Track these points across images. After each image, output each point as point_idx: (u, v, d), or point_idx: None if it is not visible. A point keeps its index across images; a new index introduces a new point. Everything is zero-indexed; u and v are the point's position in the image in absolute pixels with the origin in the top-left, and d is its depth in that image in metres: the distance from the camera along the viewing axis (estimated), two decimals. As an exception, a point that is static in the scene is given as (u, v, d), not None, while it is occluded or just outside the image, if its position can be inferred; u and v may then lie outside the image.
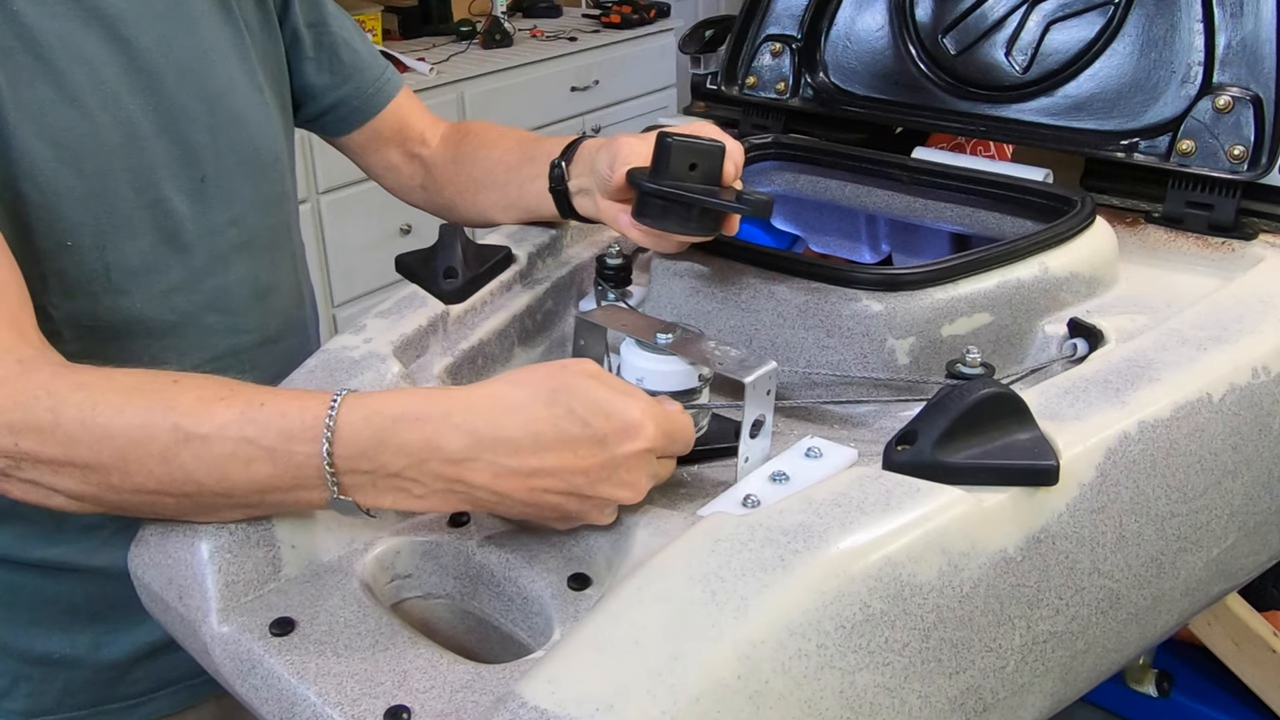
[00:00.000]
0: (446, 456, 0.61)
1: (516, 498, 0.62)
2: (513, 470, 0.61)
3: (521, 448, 0.61)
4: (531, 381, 0.63)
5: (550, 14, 3.63)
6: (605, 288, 0.93)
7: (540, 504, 0.63)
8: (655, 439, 0.63)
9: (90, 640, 0.91)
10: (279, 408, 0.62)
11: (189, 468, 0.62)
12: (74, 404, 0.62)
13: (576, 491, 0.62)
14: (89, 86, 0.79)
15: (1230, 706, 1.69)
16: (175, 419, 0.62)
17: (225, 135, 0.89)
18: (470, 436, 0.61)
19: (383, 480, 0.62)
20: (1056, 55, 1.05)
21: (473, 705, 0.57)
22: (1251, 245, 0.94)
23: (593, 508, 0.64)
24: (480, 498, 0.63)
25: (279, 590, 0.66)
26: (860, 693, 0.54)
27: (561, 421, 0.61)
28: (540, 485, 0.62)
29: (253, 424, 0.62)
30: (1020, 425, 0.63)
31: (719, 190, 0.78)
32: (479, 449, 0.61)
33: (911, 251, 1.11)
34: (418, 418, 0.61)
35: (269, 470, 0.62)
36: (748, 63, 1.22)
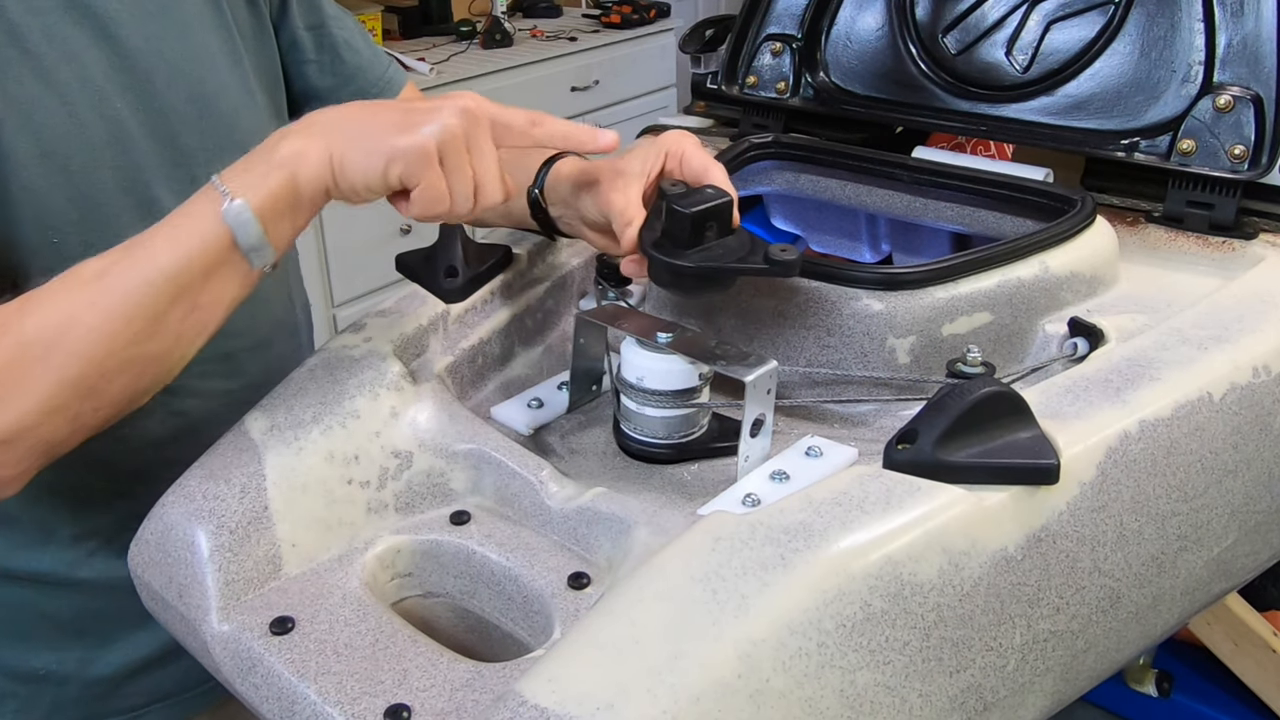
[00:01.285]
0: (292, 126, 0.70)
1: (354, 121, 0.69)
2: (341, 106, 0.71)
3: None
4: None
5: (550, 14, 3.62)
6: (605, 287, 0.93)
7: (368, 113, 0.70)
8: (477, 101, 0.70)
9: (78, 656, 0.91)
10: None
11: (113, 284, 0.66)
12: (12, 311, 0.67)
13: (404, 110, 0.69)
14: (76, 84, 0.79)
15: (1230, 706, 1.69)
16: (90, 269, 0.67)
17: (215, 138, 0.89)
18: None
19: (260, 163, 0.68)
20: (1057, 55, 1.05)
21: (473, 704, 0.57)
22: (1252, 245, 0.94)
23: (415, 117, 0.68)
24: (325, 124, 0.69)
25: (279, 589, 0.66)
26: (861, 691, 0.54)
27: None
28: (368, 108, 0.71)
29: (159, 223, 0.68)
30: (1021, 424, 0.63)
31: (744, 252, 0.75)
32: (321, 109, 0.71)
33: (912, 251, 1.11)
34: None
35: (177, 225, 0.67)
36: (748, 62, 1.22)
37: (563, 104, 3.20)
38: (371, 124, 0.68)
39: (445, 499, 0.73)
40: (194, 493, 0.68)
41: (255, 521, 0.67)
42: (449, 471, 0.73)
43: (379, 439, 0.72)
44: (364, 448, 0.71)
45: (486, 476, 0.73)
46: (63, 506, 0.87)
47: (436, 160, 0.68)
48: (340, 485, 0.70)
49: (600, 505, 0.68)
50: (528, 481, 0.71)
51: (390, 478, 0.72)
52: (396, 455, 0.72)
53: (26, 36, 0.76)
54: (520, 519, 0.71)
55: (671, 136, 0.84)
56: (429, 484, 0.73)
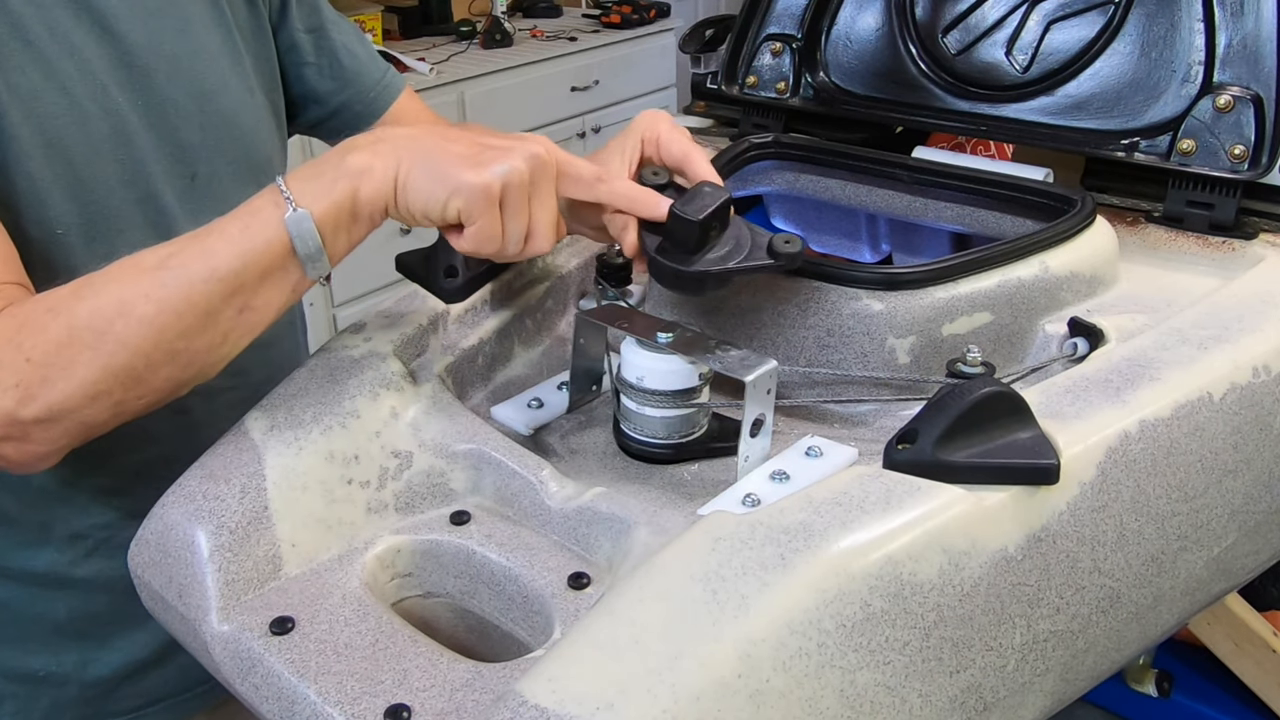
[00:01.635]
0: (361, 138, 0.70)
1: (425, 146, 0.69)
2: (415, 129, 0.71)
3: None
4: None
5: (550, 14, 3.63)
6: (605, 287, 0.93)
7: (438, 140, 0.69)
8: (548, 147, 0.70)
9: (76, 658, 0.91)
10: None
11: (169, 278, 0.66)
12: (66, 294, 0.67)
13: (475, 144, 0.69)
14: (78, 77, 0.79)
15: (1230, 706, 1.69)
16: (148, 260, 0.68)
17: (216, 135, 0.89)
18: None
19: (328, 172, 0.68)
20: (1057, 55, 1.05)
21: (473, 704, 0.57)
22: (1252, 245, 0.94)
23: (485, 153, 0.68)
24: (397, 142, 0.69)
25: (279, 589, 0.66)
26: (861, 691, 0.54)
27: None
28: (440, 136, 0.70)
29: (220, 219, 0.69)
30: (1021, 424, 0.63)
31: (748, 246, 0.76)
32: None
33: (912, 251, 1.11)
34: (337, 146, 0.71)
35: (237, 225, 0.67)
36: (748, 62, 1.22)
37: (563, 104, 3.20)
38: (442, 153, 0.68)
39: (445, 499, 0.73)
40: (194, 493, 0.68)
41: (255, 521, 0.67)
42: (449, 471, 0.73)
43: (379, 439, 0.72)
44: (364, 448, 0.71)
45: (486, 476, 0.73)
46: (60, 505, 0.87)
47: (498, 202, 0.68)
48: (340, 485, 0.70)
49: (600, 505, 0.68)
50: (528, 481, 0.71)
51: (390, 478, 0.72)
52: (396, 455, 0.72)
53: (29, 29, 0.77)
54: (520, 519, 0.71)
55: (644, 120, 0.84)
56: (429, 484, 0.73)
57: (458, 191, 0.67)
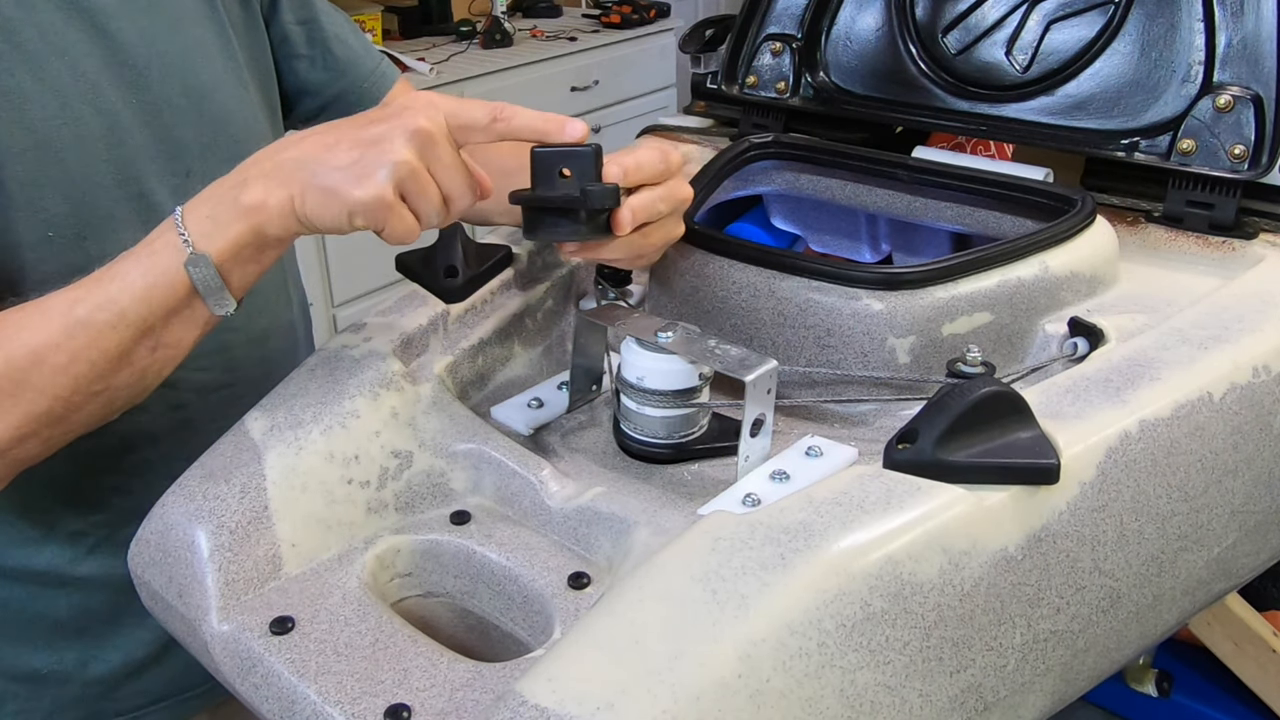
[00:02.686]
0: (253, 160, 0.70)
1: (310, 163, 0.67)
2: (300, 138, 0.69)
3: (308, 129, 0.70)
4: None
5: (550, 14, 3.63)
6: (605, 286, 0.93)
7: (322, 151, 0.67)
8: (430, 115, 0.68)
9: (77, 656, 0.91)
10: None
11: (76, 328, 0.67)
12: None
13: (355, 138, 0.67)
14: (69, 77, 0.79)
15: (1230, 706, 1.69)
16: (55, 307, 0.68)
17: (210, 132, 0.89)
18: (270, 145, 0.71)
19: (224, 210, 0.68)
20: (1057, 54, 1.05)
21: (473, 704, 0.57)
22: (1252, 244, 0.94)
23: (370, 147, 0.66)
24: (284, 169, 0.68)
25: (279, 589, 0.66)
26: (861, 691, 0.54)
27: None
28: (322, 139, 0.68)
29: (118, 260, 0.69)
30: (1021, 424, 0.63)
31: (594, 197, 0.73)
32: (277, 141, 0.71)
33: (912, 251, 1.11)
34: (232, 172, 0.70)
35: (139, 270, 0.68)
36: (748, 62, 1.22)
37: (563, 104, 3.20)
38: (327, 170, 0.67)
39: (445, 499, 0.73)
40: (194, 492, 0.68)
41: (255, 521, 0.67)
42: (449, 471, 0.73)
43: (379, 439, 0.72)
44: (364, 447, 0.71)
45: (486, 476, 0.73)
46: (60, 503, 0.87)
47: (397, 201, 0.67)
48: (340, 485, 0.70)
49: (600, 505, 0.68)
50: (528, 481, 0.71)
51: (390, 477, 0.72)
52: (396, 455, 0.72)
53: (19, 31, 0.77)
54: (520, 519, 0.71)
55: (652, 139, 0.85)
56: (429, 484, 0.73)
57: (354, 211, 0.66)
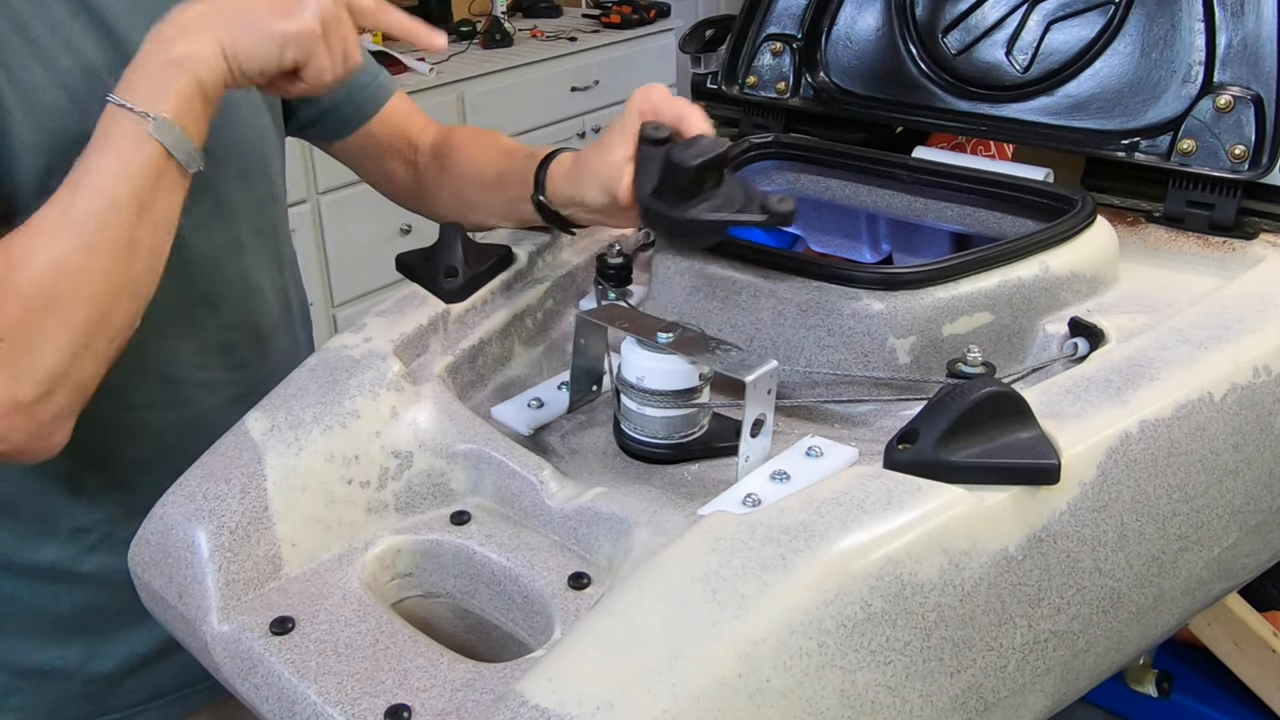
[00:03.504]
0: (169, 20, 0.74)
1: (232, 11, 0.72)
2: (211, 6, 0.73)
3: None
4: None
5: (550, 14, 3.62)
6: (606, 287, 0.93)
7: (252, 7, 0.73)
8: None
9: (81, 652, 0.91)
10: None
11: (81, 226, 0.70)
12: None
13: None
14: (78, 73, 0.79)
15: (1230, 706, 1.69)
16: (49, 219, 0.71)
17: (215, 132, 0.89)
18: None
19: (156, 72, 0.72)
20: (1057, 55, 1.05)
21: (473, 704, 0.57)
22: (1252, 245, 0.94)
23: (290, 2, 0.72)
24: (203, 20, 0.73)
25: (279, 589, 0.66)
26: (861, 691, 0.54)
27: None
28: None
29: (79, 162, 0.72)
30: (1021, 424, 0.63)
31: (741, 201, 0.75)
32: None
33: (912, 251, 1.11)
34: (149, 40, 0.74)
35: (108, 158, 0.71)
36: (748, 62, 1.22)
37: (563, 104, 3.20)
38: (253, 13, 0.72)
39: (445, 499, 0.73)
40: (194, 493, 0.68)
41: (255, 521, 0.66)
42: (449, 471, 0.73)
43: (379, 439, 0.72)
44: (364, 448, 0.71)
45: (487, 476, 0.73)
46: (64, 499, 0.87)
47: (318, 36, 0.73)
48: (340, 485, 0.70)
49: (600, 505, 0.68)
50: (528, 481, 0.71)
51: (390, 478, 0.72)
52: (396, 455, 0.72)
53: (31, 26, 0.78)
54: (520, 519, 0.71)
55: (640, 93, 0.86)
56: (429, 484, 0.73)
57: (288, 42, 0.72)
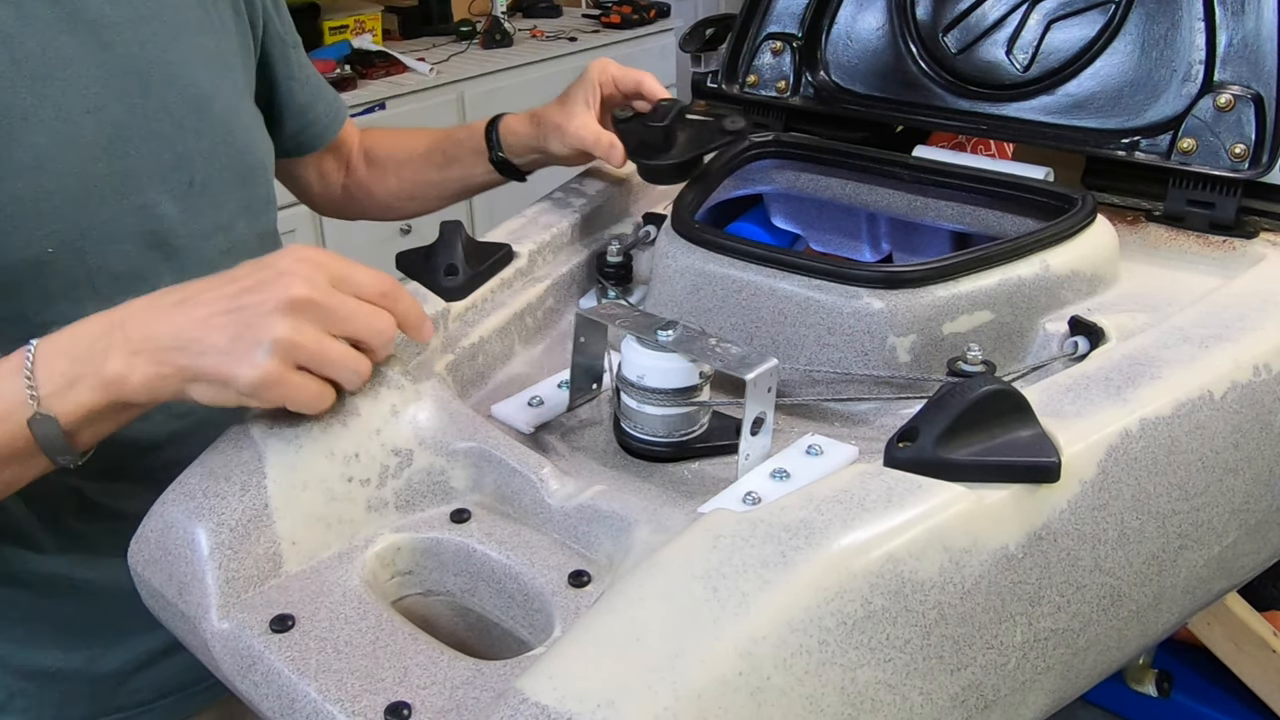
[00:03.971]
0: (121, 322, 0.65)
1: (178, 336, 0.63)
2: (172, 304, 0.65)
3: (180, 289, 0.66)
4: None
5: (550, 14, 3.63)
6: (606, 285, 0.93)
7: (194, 330, 0.64)
8: (308, 276, 0.64)
9: (86, 654, 0.91)
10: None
11: None
12: None
13: (229, 311, 0.63)
14: (71, 92, 0.78)
15: (1230, 706, 1.69)
16: None
17: (212, 140, 0.89)
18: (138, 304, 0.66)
19: (83, 375, 0.64)
20: (1057, 54, 1.05)
21: (473, 701, 0.57)
22: (1252, 244, 0.94)
23: (245, 329, 0.62)
24: (153, 344, 0.64)
25: (279, 586, 0.66)
26: (862, 689, 0.54)
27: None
28: (193, 314, 0.64)
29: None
30: (1021, 422, 0.63)
31: (708, 136, 0.99)
32: (147, 300, 0.66)
33: (912, 250, 1.10)
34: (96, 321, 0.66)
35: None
36: (748, 61, 1.22)
37: (563, 104, 3.19)
38: (200, 348, 0.63)
39: (445, 497, 0.73)
40: (194, 490, 0.68)
41: (255, 519, 0.66)
42: (449, 469, 0.73)
43: (379, 437, 0.72)
44: (364, 445, 0.71)
45: (487, 474, 0.73)
46: (67, 510, 0.87)
47: (288, 375, 0.63)
48: (340, 483, 0.70)
49: (600, 503, 0.68)
50: (528, 479, 0.71)
51: (390, 475, 0.72)
52: (396, 453, 0.72)
53: (20, 47, 0.76)
54: (520, 517, 0.71)
55: (596, 67, 1.06)
56: (429, 482, 0.73)
57: (241, 392, 0.63)
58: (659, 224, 1.01)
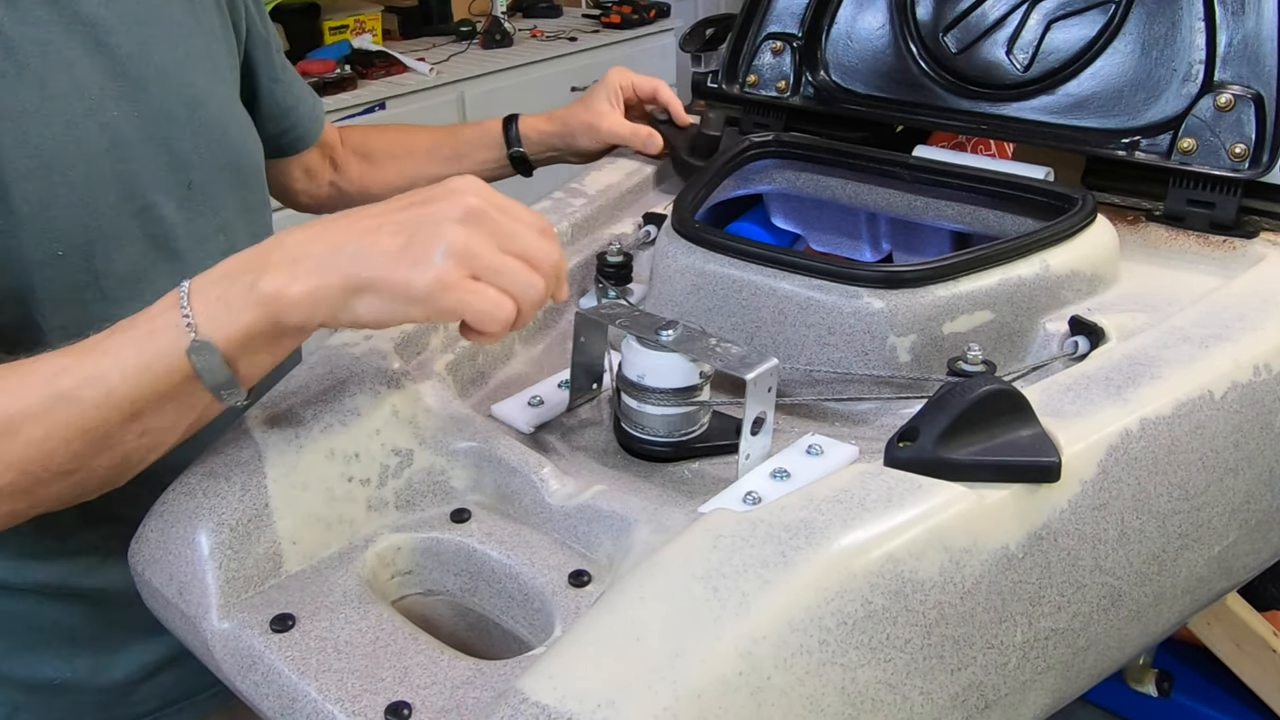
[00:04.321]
0: (278, 242, 0.62)
1: (344, 237, 0.61)
2: (332, 220, 0.62)
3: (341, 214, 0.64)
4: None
5: (550, 14, 3.62)
6: (606, 285, 0.93)
7: (362, 237, 0.61)
8: (480, 193, 0.62)
9: (90, 664, 0.91)
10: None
11: (58, 402, 0.61)
12: None
13: (399, 221, 0.61)
14: (72, 94, 0.78)
15: (1230, 706, 1.69)
16: (40, 373, 0.62)
17: (208, 141, 0.89)
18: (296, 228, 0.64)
19: (236, 295, 0.61)
20: (1057, 54, 1.05)
21: (474, 701, 0.57)
22: (1252, 243, 0.94)
23: (418, 235, 0.60)
24: (313, 254, 0.61)
25: (279, 586, 0.66)
26: (862, 689, 0.54)
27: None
28: (359, 224, 0.61)
29: (116, 329, 0.63)
30: (1022, 422, 0.63)
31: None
32: (306, 223, 0.64)
33: (912, 250, 1.10)
34: (253, 249, 0.64)
35: (135, 348, 0.61)
36: (748, 61, 1.22)
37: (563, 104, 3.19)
38: (371, 254, 0.60)
39: (445, 497, 0.73)
40: (194, 490, 0.68)
41: (256, 519, 0.66)
42: (449, 469, 0.73)
43: (379, 436, 0.72)
44: (364, 445, 0.71)
45: (487, 474, 0.73)
46: (68, 517, 0.86)
47: (464, 280, 0.60)
48: (340, 483, 0.70)
49: (601, 503, 0.68)
50: (528, 479, 0.71)
51: (391, 475, 0.72)
52: (397, 453, 0.72)
53: (20, 50, 0.76)
54: (521, 516, 0.71)
55: (615, 75, 1.20)
56: (429, 482, 0.73)
57: (414, 299, 0.59)
58: (659, 224, 1.01)
